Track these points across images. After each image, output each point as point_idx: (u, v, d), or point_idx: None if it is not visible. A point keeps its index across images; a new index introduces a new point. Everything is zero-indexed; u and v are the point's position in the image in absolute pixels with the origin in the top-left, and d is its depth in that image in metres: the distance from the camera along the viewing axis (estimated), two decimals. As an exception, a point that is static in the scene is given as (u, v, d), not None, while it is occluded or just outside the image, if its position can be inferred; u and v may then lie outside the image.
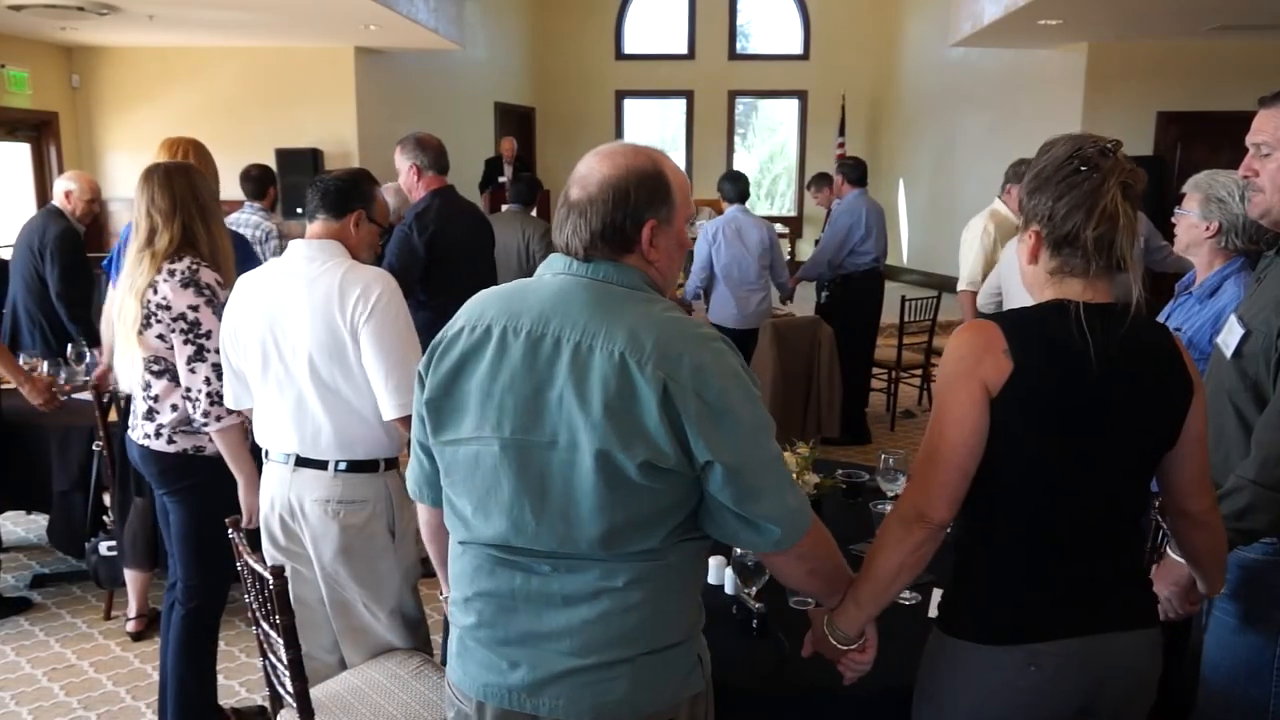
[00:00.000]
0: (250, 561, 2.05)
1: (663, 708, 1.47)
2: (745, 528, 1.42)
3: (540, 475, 1.42)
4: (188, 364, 2.60)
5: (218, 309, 2.60)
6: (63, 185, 4.73)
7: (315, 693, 2.16)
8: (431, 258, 3.86)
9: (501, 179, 9.52)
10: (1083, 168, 1.50)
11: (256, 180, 4.94)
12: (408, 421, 1.93)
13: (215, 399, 2.58)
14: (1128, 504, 1.59)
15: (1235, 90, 6.88)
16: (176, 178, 2.68)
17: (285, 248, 2.45)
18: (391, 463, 2.42)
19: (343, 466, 2.34)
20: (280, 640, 1.99)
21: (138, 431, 2.75)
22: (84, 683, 3.41)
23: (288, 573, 2.00)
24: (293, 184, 7.59)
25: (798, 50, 13.94)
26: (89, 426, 3.74)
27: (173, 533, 2.83)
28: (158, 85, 8.94)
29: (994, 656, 1.55)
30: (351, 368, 2.30)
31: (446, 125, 9.60)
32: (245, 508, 2.65)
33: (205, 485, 2.73)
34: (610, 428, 1.36)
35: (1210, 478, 1.65)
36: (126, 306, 2.65)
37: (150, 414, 2.71)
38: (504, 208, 5.57)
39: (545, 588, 1.45)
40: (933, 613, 1.93)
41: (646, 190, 1.45)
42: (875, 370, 6.55)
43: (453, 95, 10.87)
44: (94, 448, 3.74)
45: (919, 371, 6.88)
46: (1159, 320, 2.27)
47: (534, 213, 5.58)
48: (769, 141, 15.09)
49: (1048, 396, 1.49)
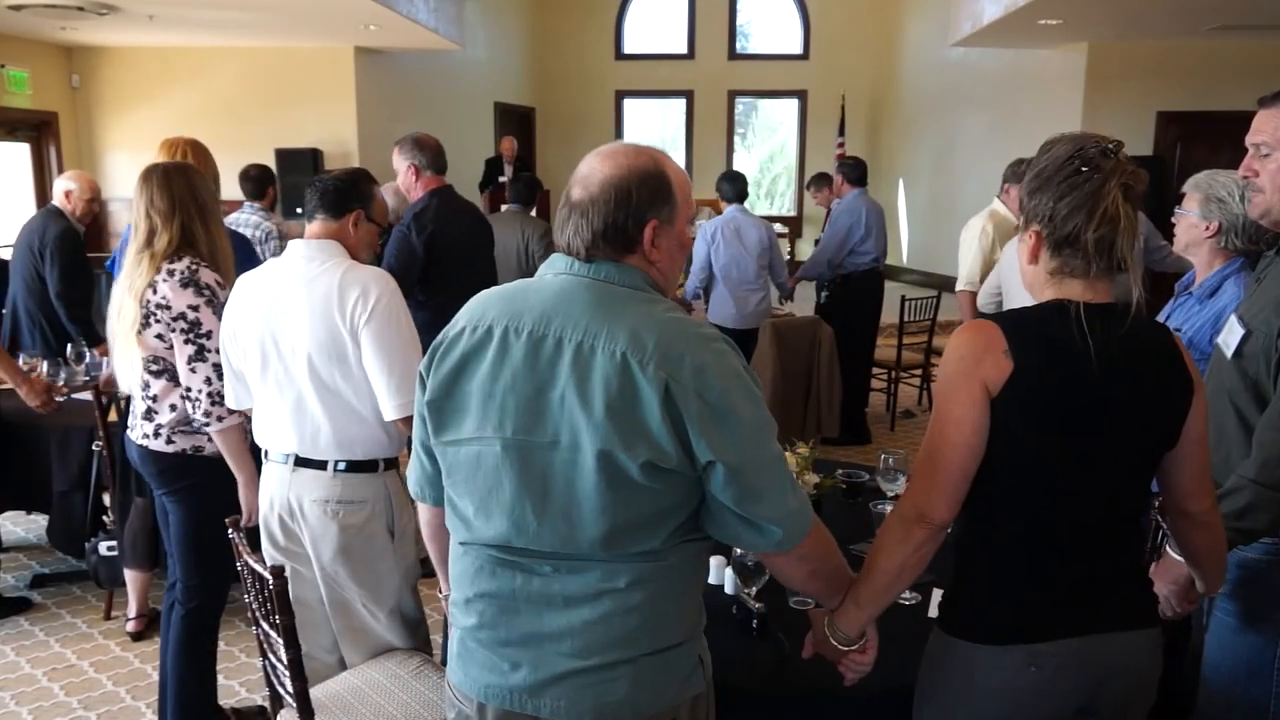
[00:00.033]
0: (250, 561, 2.05)
1: (664, 709, 1.47)
2: (747, 528, 1.42)
3: (542, 475, 1.41)
4: (188, 364, 2.60)
5: (218, 309, 2.59)
6: (63, 185, 4.73)
7: (315, 693, 2.16)
8: (430, 258, 3.86)
9: (502, 179, 9.51)
10: (1084, 168, 1.49)
11: (256, 180, 4.93)
12: (409, 422, 1.93)
13: (216, 399, 2.57)
14: (1128, 504, 1.59)
15: (1235, 90, 6.87)
16: (175, 178, 2.68)
17: (285, 248, 2.45)
18: (391, 463, 2.42)
19: (342, 467, 2.34)
20: (280, 640, 1.99)
21: (136, 432, 2.75)
22: (84, 683, 3.41)
23: (287, 573, 2.00)
24: (293, 184, 7.59)
25: (797, 50, 13.94)
26: (89, 426, 3.74)
27: (172, 533, 2.83)
28: (158, 85, 8.94)
29: (994, 656, 1.55)
30: (351, 368, 2.29)
31: (446, 125, 9.60)
32: (245, 506, 2.65)
33: (204, 485, 2.73)
34: (612, 428, 1.35)
35: (1211, 478, 1.65)
36: (125, 307, 2.64)
37: (149, 414, 2.71)
38: (504, 208, 5.56)
39: (546, 589, 1.45)
40: (933, 613, 1.93)
41: (648, 190, 1.45)
42: (875, 370, 6.54)
43: (453, 95, 10.87)
44: (94, 448, 3.74)
45: (919, 371, 6.88)
46: (1159, 320, 2.27)
47: (534, 213, 5.57)
48: (769, 141, 15.09)
49: (1048, 396, 1.49)
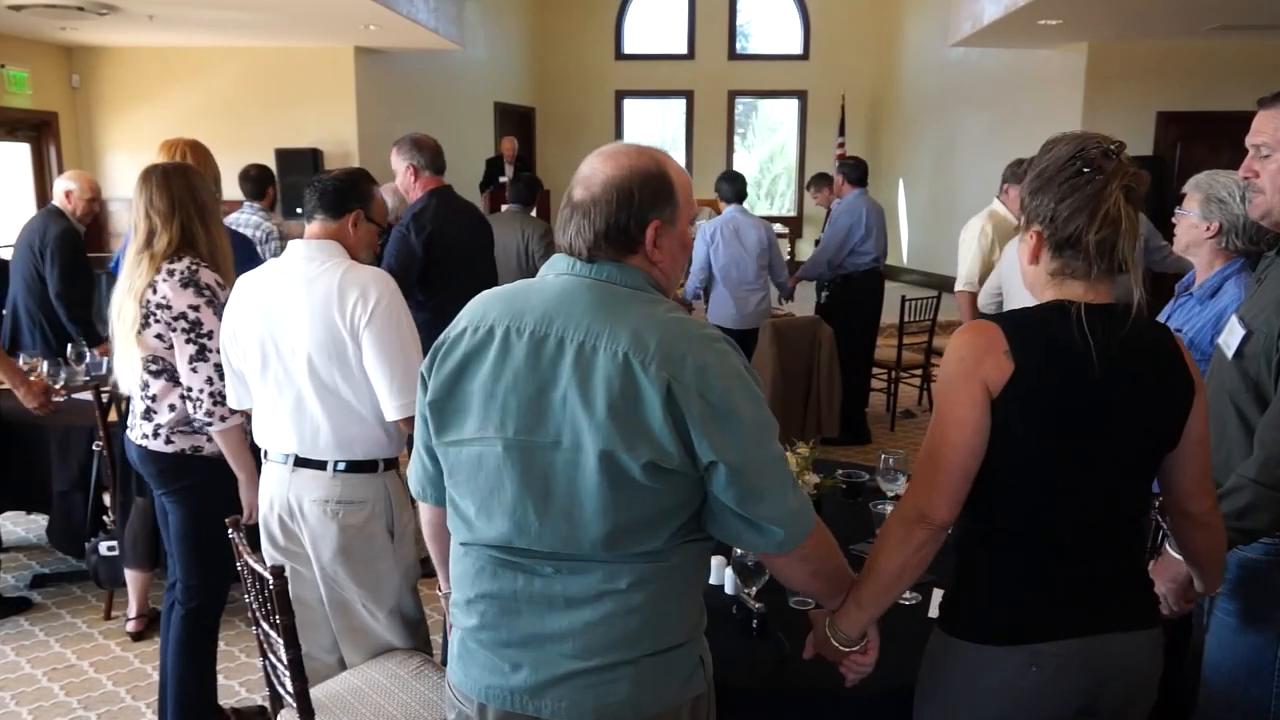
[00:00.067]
0: (250, 561, 2.05)
1: (665, 709, 1.47)
2: (748, 529, 1.42)
3: (544, 476, 1.41)
4: (190, 364, 2.60)
5: (218, 309, 2.59)
6: (63, 185, 4.73)
7: (315, 693, 2.16)
8: (429, 258, 3.85)
9: (503, 179, 9.52)
10: (1086, 169, 1.49)
11: (255, 180, 4.93)
12: (411, 422, 1.93)
13: (218, 399, 2.57)
14: (1129, 505, 1.59)
15: (1235, 90, 6.87)
16: (174, 178, 2.67)
17: (286, 248, 2.45)
18: (391, 463, 2.42)
19: (341, 467, 2.34)
20: (280, 640, 1.99)
21: (136, 432, 2.75)
22: (84, 683, 3.41)
23: (287, 573, 2.00)
24: (292, 184, 7.59)
25: (798, 50, 13.94)
26: (89, 426, 3.74)
27: (171, 533, 2.82)
28: (158, 85, 8.94)
29: (995, 657, 1.55)
30: (351, 368, 2.29)
31: (446, 125, 9.61)
32: (246, 504, 2.66)
33: (203, 485, 2.73)
34: (614, 428, 1.35)
35: (1212, 478, 1.65)
36: (125, 308, 2.64)
37: (148, 414, 2.71)
38: (504, 208, 5.56)
39: (548, 590, 1.45)
40: (933, 613, 1.93)
41: (650, 191, 1.45)
42: (875, 370, 6.54)
43: (453, 95, 10.87)
44: (94, 448, 3.74)
45: (919, 371, 6.88)
46: (1159, 321, 2.27)
47: (534, 213, 5.57)
48: (769, 141, 15.09)
49: (1049, 397, 1.49)
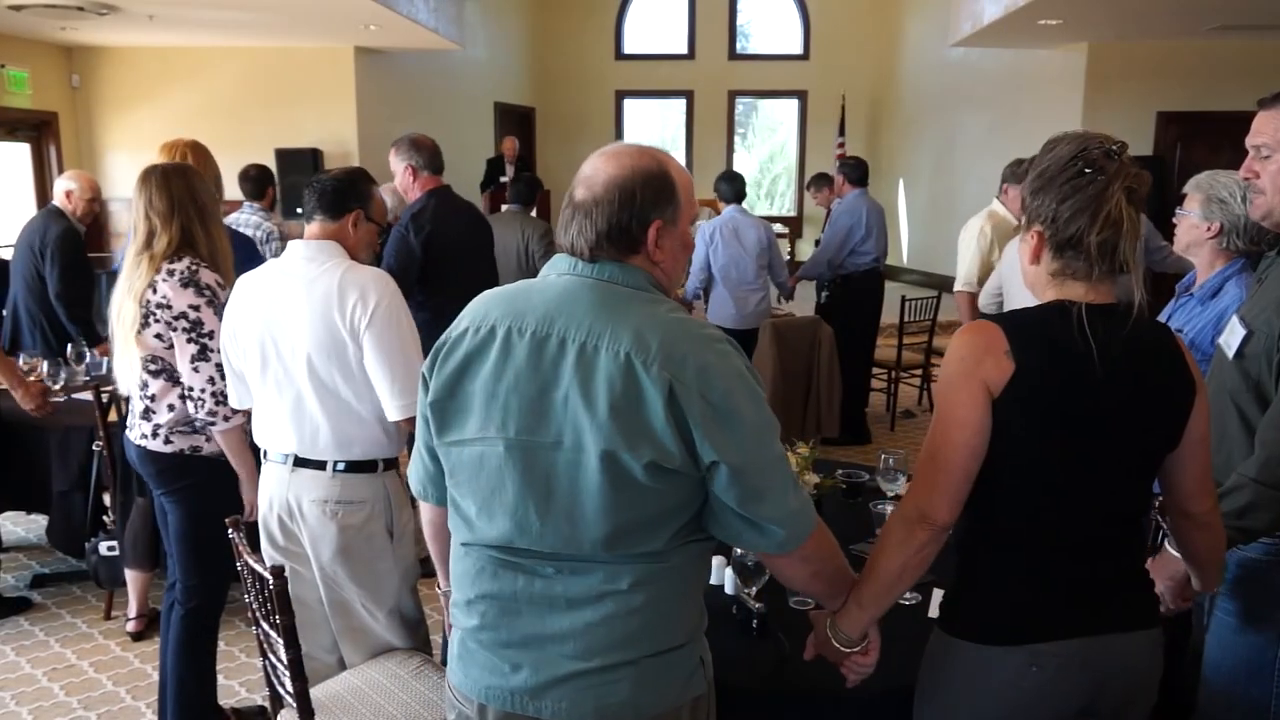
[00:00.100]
0: (250, 561, 2.05)
1: (665, 710, 1.47)
2: (749, 529, 1.42)
3: (545, 476, 1.41)
4: (191, 363, 2.60)
5: (218, 309, 2.59)
6: (63, 185, 4.72)
7: (315, 693, 2.16)
8: (428, 258, 3.85)
9: (503, 179, 9.52)
10: (1087, 170, 1.48)
11: (255, 180, 4.94)
12: (414, 422, 1.93)
13: (221, 398, 2.57)
14: (1129, 505, 1.59)
15: (1235, 90, 6.87)
16: (174, 179, 2.67)
17: (286, 248, 2.44)
18: (390, 463, 2.42)
19: (341, 467, 2.34)
20: (280, 640, 1.99)
21: (135, 431, 2.75)
22: (84, 683, 3.41)
23: (286, 573, 2.00)
24: (292, 184, 7.59)
25: (798, 50, 13.94)
26: (89, 426, 3.74)
27: (171, 533, 2.82)
28: (158, 85, 8.94)
29: (995, 657, 1.55)
30: (350, 368, 2.29)
31: (446, 125, 9.62)
32: (246, 501, 2.66)
33: (203, 485, 2.72)
34: (616, 428, 1.35)
35: (1213, 479, 1.65)
36: (125, 309, 2.64)
37: (147, 414, 2.70)
38: (504, 208, 5.56)
39: (548, 590, 1.45)
40: (933, 613, 1.93)
41: (652, 191, 1.45)
42: (875, 370, 6.54)
43: (453, 95, 10.87)
44: (94, 448, 3.74)
45: (919, 371, 6.88)
46: (1160, 321, 2.26)
47: (534, 213, 5.57)
48: (769, 141, 15.09)
49: (1049, 398, 1.48)
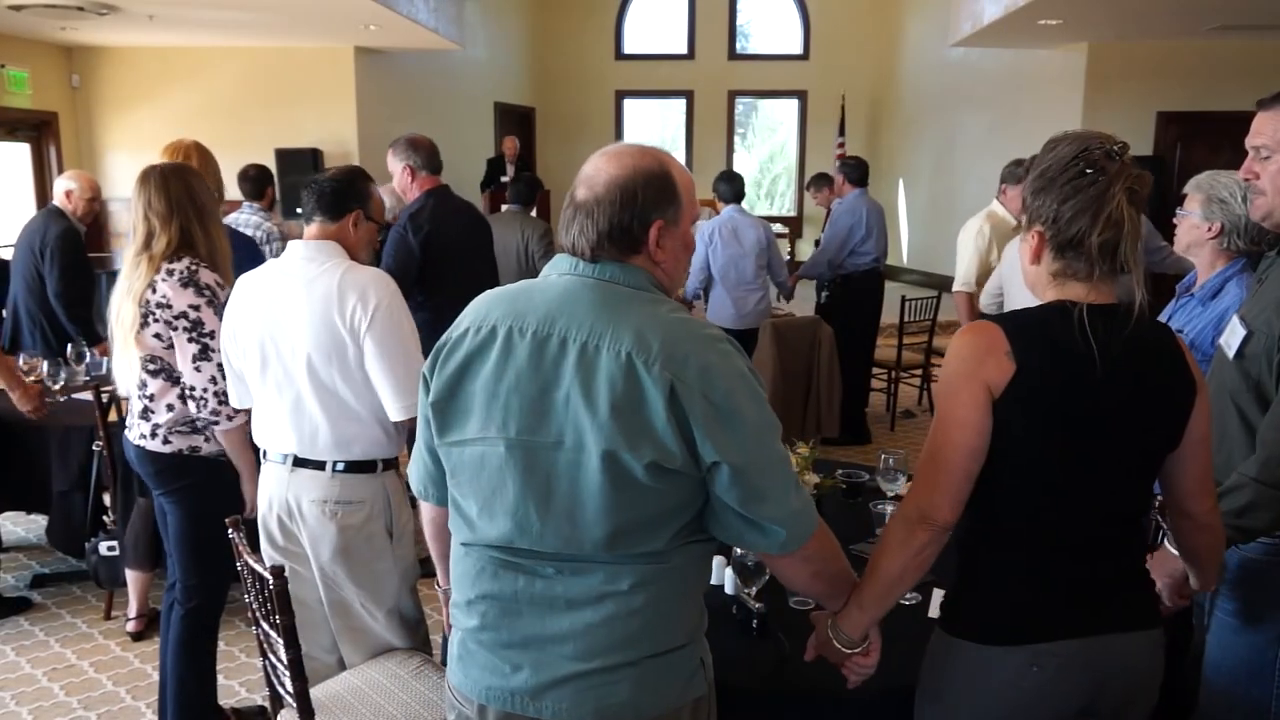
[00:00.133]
0: (250, 561, 2.05)
1: (666, 711, 1.47)
2: (750, 529, 1.42)
3: (546, 476, 1.41)
4: (193, 363, 2.60)
5: (218, 309, 2.59)
6: (63, 185, 4.72)
7: (315, 693, 2.16)
8: (427, 258, 3.85)
9: (504, 178, 9.52)
10: (1088, 170, 1.48)
11: (255, 180, 4.94)
12: (414, 422, 1.93)
13: (223, 398, 2.57)
14: (1130, 505, 1.59)
15: (1235, 90, 6.88)
16: (173, 180, 2.67)
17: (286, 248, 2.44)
18: (390, 463, 2.42)
19: (340, 467, 2.33)
20: (280, 640, 1.99)
21: (134, 431, 2.75)
22: (84, 683, 3.41)
23: (286, 573, 1.99)
24: (292, 184, 7.59)
25: (798, 50, 13.94)
26: (89, 426, 3.74)
27: (170, 533, 2.82)
28: (158, 85, 8.93)
29: (996, 657, 1.55)
30: (350, 369, 2.29)
31: (446, 125, 9.62)
32: (247, 498, 2.66)
33: (202, 485, 2.72)
34: (617, 428, 1.35)
35: (1213, 479, 1.65)
36: (124, 309, 2.64)
37: (146, 414, 2.70)
38: (504, 208, 5.56)
39: (549, 591, 1.45)
40: (934, 613, 1.93)
41: (654, 191, 1.45)
42: (875, 370, 6.54)
43: (453, 95, 10.87)
44: (94, 448, 3.74)
45: (919, 371, 6.88)
46: (1160, 321, 2.26)
47: (534, 213, 5.56)
48: (769, 141, 15.09)
49: (1050, 398, 1.48)
